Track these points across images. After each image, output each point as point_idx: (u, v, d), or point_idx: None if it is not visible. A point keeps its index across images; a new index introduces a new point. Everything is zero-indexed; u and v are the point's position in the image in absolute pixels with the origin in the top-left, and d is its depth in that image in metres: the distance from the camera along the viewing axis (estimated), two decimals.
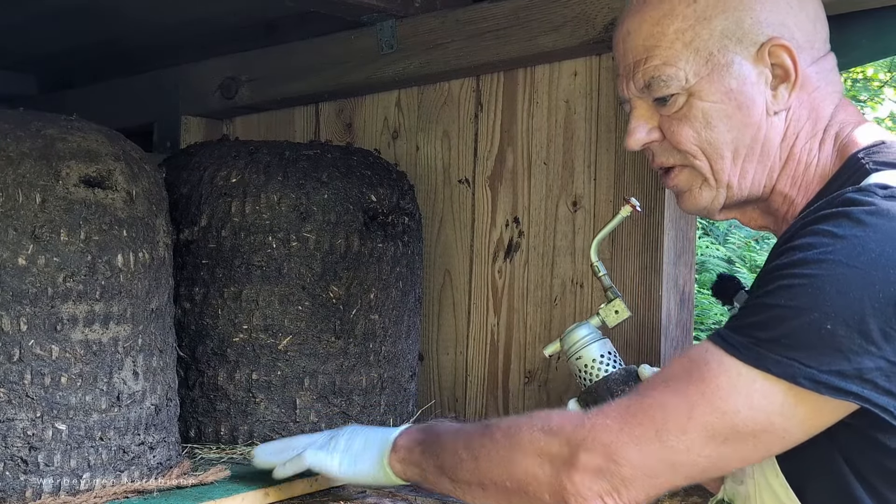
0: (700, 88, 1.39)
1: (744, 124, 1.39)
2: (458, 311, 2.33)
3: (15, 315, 1.48)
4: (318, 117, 2.63)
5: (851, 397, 1.17)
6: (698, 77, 1.39)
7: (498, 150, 2.27)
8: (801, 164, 1.41)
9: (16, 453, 1.49)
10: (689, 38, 1.39)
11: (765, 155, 1.40)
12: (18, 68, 3.19)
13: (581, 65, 2.14)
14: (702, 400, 1.22)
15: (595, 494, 1.27)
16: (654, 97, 1.43)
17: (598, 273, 1.63)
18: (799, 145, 1.40)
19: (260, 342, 1.95)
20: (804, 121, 1.40)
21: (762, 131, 1.39)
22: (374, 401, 2.06)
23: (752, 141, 1.39)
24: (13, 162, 1.49)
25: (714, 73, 1.38)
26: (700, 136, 1.40)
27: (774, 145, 1.40)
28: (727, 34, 1.38)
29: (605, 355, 1.56)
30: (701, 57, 1.38)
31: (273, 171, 1.98)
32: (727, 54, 1.38)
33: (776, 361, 1.19)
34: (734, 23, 1.38)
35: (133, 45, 2.81)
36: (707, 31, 1.38)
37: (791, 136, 1.40)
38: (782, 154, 1.40)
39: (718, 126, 1.39)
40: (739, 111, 1.38)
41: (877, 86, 6.83)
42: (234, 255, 1.95)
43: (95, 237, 1.55)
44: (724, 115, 1.39)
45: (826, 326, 1.16)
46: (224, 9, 2.48)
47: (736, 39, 1.38)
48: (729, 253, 5.38)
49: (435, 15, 2.28)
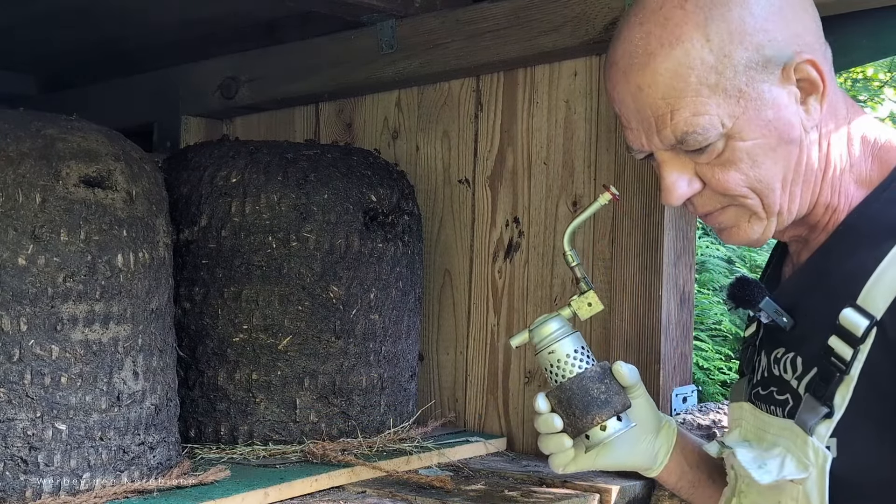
0: (739, 129, 1.29)
1: (788, 152, 1.31)
2: (458, 311, 2.33)
3: (15, 315, 1.48)
4: (318, 117, 2.63)
5: None
6: (734, 118, 1.29)
7: (498, 150, 2.27)
8: (836, 170, 1.35)
9: (16, 453, 1.49)
10: (713, 80, 1.28)
11: (809, 172, 1.33)
12: (18, 68, 3.19)
13: (581, 65, 2.14)
14: None
15: None
16: (689, 149, 1.32)
17: (570, 263, 1.53)
18: (834, 152, 1.35)
19: (260, 342, 1.95)
20: (831, 127, 1.34)
21: (805, 152, 1.32)
22: (374, 401, 2.06)
23: (797, 164, 1.32)
24: (13, 162, 1.50)
25: (749, 109, 1.29)
26: (749, 177, 1.31)
27: (815, 160, 1.33)
28: (751, 65, 1.28)
29: (580, 350, 1.48)
30: (732, 97, 1.29)
31: (273, 171, 1.98)
32: (756, 85, 1.29)
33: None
34: (754, 51, 1.28)
35: (133, 45, 2.81)
36: (731, 69, 1.28)
37: (825, 145, 1.34)
38: (821, 164, 1.34)
39: (766, 162, 1.31)
40: (781, 140, 1.30)
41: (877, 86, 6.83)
42: (234, 255, 1.95)
43: (95, 237, 1.55)
44: (768, 149, 1.30)
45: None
46: (224, 9, 2.49)
47: (761, 67, 1.29)
48: (729, 253, 5.37)
49: (435, 15, 2.28)
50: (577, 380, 1.45)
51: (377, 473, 1.86)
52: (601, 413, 1.42)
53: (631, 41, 1.33)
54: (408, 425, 2.13)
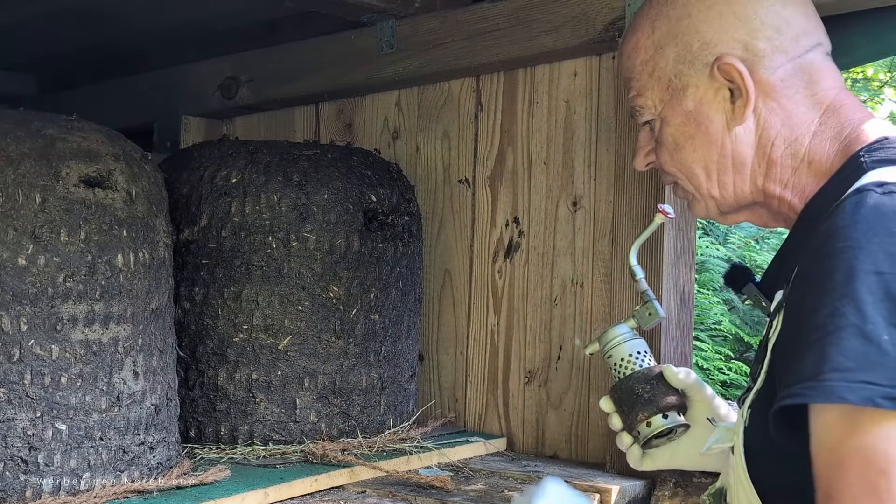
0: (666, 114, 1.48)
1: (707, 142, 1.45)
2: (458, 311, 2.33)
3: (15, 315, 1.48)
4: (318, 117, 2.63)
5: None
6: (663, 103, 1.48)
7: (498, 150, 2.27)
8: (786, 169, 1.41)
9: (16, 453, 1.49)
10: (650, 68, 1.48)
11: (739, 165, 1.44)
12: (18, 68, 3.19)
13: (581, 65, 2.14)
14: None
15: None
16: (640, 123, 1.54)
17: (635, 276, 1.70)
18: (777, 152, 1.42)
19: (260, 342, 1.95)
20: (778, 128, 1.41)
21: (727, 146, 1.44)
22: (374, 401, 2.06)
23: (720, 156, 1.44)
24: (13, 162, 1.50)
25: (674, 98, 1.46)
26: (673, 158, 1.49)
27: (747, 155, 1.43)
28: (680, 59, 1.45)
29: (635, 354, 1.61)
30: (662, 84, 1.47)
31: (273, 171, 1.98)
32: (683, 78, 1.45)
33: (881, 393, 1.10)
34: (684, 48, 1.45)
35: (133, 46, 2.81)
36: (664, 60, 1.47)
37: (766, 145, 1.42)
38: (760, 162, 1.43)
39: (685, 147, 1.47)
40: (699, 130, 1.45)
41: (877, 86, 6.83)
42: (234, 255, 1.95)
43: (95, 237, 1.55)
44: (687, 136, 1.46)
45: (884, 338, 1.10)
46: (224, 9, 2.49)
47: (688, 63, 1.44)
48: (729, 253, 5.38)
49: (435, 15, 2.28)
50: (626, 380, 1.59)
51: (377, 473, 1.86)
52: (644, 410, 1.54)
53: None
54: (408, 425, 2.13)
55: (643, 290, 1.69)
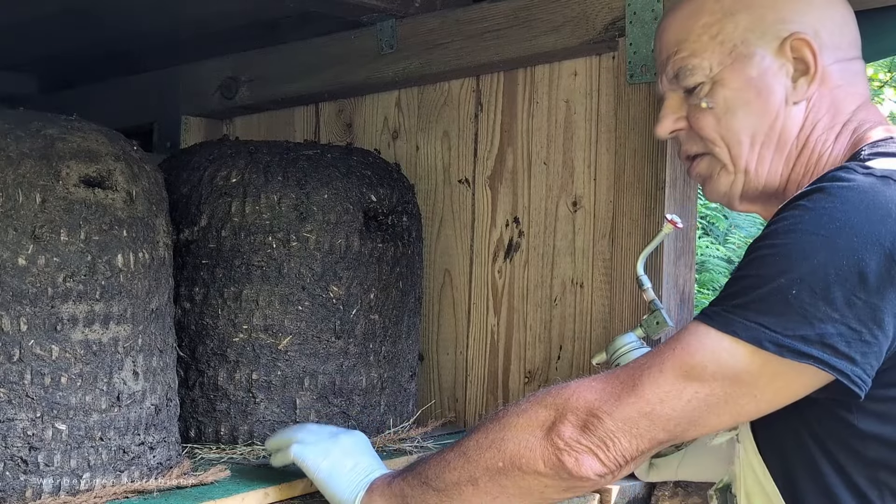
0: (723, 77, 1.48)
1: (763, 111, 1.46)
2: (458, 311, 2.33)
3: (15, 315, 1.48)
4: (318, 117, 2.63)
5: (811, 360, 1.22)
6: (722, 66, 1.48)
7: (498, 150, 2.27)
8: (814, 154, 1.46)
9: (16, 453, 1.49)
10: (714, 31, 1.48)
11: (782, 143, 1.46)
12: (18, 68, 3.19)
13: (581, 65, 2.14)
14: (672, 356, 1.29)
15: (585, 448, 1.31)
16: (683, 86, 1.52)
17: (642, 286, 1.72)
18: (815, 135, 1.46)
19: (260, 342, 1.95)
20: (823, 113, 1.46)
21: (780, 119, 1.46)
22: (374, 401, 2.06)
23: (770, 129, 1.46)
24: (13, 162, 1.49)
25: (736, 62, 1.47)
26: (720, 123, 1.49)
27: (792, 134, 1.46)
28: (750, 28, 1.47)
29: None
30: (725, 48, 1.48)
31: (273, 171, 1.98)
32: (750, 47, 1.47)
33: (743, 326, 1.25)
34: (758, 18, 1.47)
35: (133, 45, 2.81)
36: (732, 25, 1.48)
37: (809, 127, 1.46)
38: (799, 143, 1.46)
39: (738, 112, 1.47)
40: (759, 98, 1.46)
41: (877, 86, 6.83)
42: (234, 255, 1.95)
43: (95, 237, 1.55)
44: (743, 101, 1.47)
45: (792, 292, 1.22)
46: (224, 9, 2.48)
47: (760, 33, 1.47)
48: (729, 253, 5.38)
49: (435, 15, 2.28)
50: None
51: None
52: None
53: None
54: (408, 425, 2.13)
55: (651, 299, 1.71)
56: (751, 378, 1.26)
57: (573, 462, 1.31)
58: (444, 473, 1.43)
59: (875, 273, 1.20)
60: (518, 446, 1.36)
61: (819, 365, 1.22)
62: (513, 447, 1.36)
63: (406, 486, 1.48)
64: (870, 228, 1.21)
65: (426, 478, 1.45)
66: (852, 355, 1.21)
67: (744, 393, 1.27)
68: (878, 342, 1.22)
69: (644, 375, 1.30)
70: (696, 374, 1.27)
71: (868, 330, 1.21)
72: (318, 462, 1.58)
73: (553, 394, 1.37)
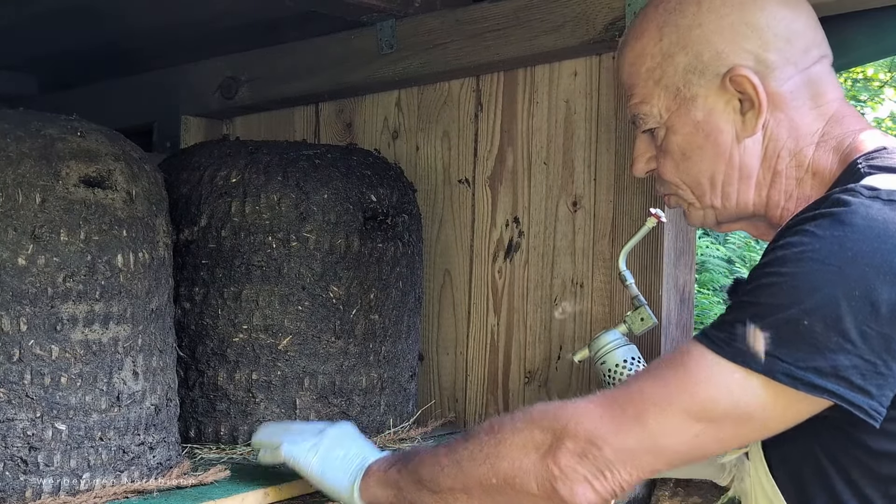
0: (672, 123, 1.46)
1: (715, 154, 1.44)
2: (458, 311, 2.33)
3: (15, 315, 1.48)
4: (318, 117, 2.63)
5: (827, 394, 1.20)
6: (669, 112, 1.46)
7: (498, 150, 2.27)
8: (790, 180, 1.43)
9: (16, 453, 1.49)
10: (657, 76, 1.46)
11: (745, 176, 1.44)
12: (18, 68, 3.19)
13: (581, 65, 2.14)
14: (681, 389, 1.26)
15: (581, 477, 1.29)
16: (641, 131, 1.51)
17: (625, 282, 1.70)
18: (782, 163, 1.43)
19: (260, 342, 1.95)
20: (784, 139, 1.42)
21: (735, 157, 1.43)
22: (374, 401, 2.06)
23: (728, 167, 1.44)
24: (13, 162, 1.49)
25: (682, 107, 1.44)
26: (678, 168, 1.48)
27: (754, 167, 1.43)
28: (690, 69, 1.43)
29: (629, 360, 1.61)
30: (670, 93, 1.45)
31: (273, 171, 1.98)
32: (692, 88, 1.43)
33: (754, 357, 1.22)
34: (694, 57, 1.43)
35: (133, 46, 2.81)
36: (672, 69, 1.45)
37: (772, 156, 1.43)
38: (766, 173, 1.44)
39: (692, 157, 1.46)
40: (708, 141, 1.44)
41: (877, 86, 6.83)
42: (234, 255, 1.95)
43: (95, 237, 1.55)
44: (695, 146, 1.45)
45: (803, 323, 1.20)
46: (224, 9, 2.48)
47: (699, 73, 1.43)
48: (729, 253, 5.38)
49: (435, 15, 2.28)
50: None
51: None
52: None
53: (629, 26, 1.54)
54: (408, 425, 2.13)
55: (634, 294, 1.70)
56: (763, 413, 1.24)
57: (567, 491, 1.30)
58: (438, 477, 1.43)
59: (887, 303, 1.18)
60: (512, 466, 1.34)
61: (835, 399, 1.20)
62: (507, 466, 1.35)
63: (401, 479, 1.48)
64: (881, 258, 1.19)
65: (420, 477, 1.45)
66: (868, 388, 1.19)
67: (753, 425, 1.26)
68: (892, 373, 1.20)
69: (649, 405, 1.27)
70: (707, 412, 1.25)
71: (883, 361, 1.19)
72: (309, 458, 1.58)
73: (550, 415, 1.34)
